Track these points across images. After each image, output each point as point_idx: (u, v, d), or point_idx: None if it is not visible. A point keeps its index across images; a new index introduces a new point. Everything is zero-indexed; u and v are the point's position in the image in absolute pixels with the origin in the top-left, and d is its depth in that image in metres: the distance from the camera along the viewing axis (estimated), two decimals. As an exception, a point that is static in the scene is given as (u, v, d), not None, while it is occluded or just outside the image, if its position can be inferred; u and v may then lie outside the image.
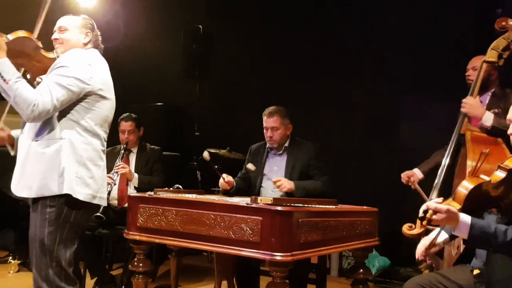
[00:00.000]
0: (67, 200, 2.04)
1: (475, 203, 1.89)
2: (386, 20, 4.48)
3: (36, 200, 2.03)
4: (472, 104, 2.72)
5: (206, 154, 3.09)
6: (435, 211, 1.77)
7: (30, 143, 2.05)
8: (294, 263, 2.12)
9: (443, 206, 1.78)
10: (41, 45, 2.23)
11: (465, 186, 1.91)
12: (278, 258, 2.06)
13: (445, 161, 2.75)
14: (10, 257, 4.18)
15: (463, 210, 1.84)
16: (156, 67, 5.76)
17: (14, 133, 2.25)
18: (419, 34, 4.33)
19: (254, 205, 2.16)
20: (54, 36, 2.23)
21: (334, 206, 2.58)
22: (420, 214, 1.82)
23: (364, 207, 2.79)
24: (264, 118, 3.23)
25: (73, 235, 2.09)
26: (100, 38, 2.35)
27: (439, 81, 4.10)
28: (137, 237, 2.49)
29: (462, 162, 2.70)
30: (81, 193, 2.07)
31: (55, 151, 2.03)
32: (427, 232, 2.09)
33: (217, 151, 4.27)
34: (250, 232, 2.11)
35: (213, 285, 3.07)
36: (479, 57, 2.95)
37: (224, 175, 3.17)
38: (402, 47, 4.41)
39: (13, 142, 2.21)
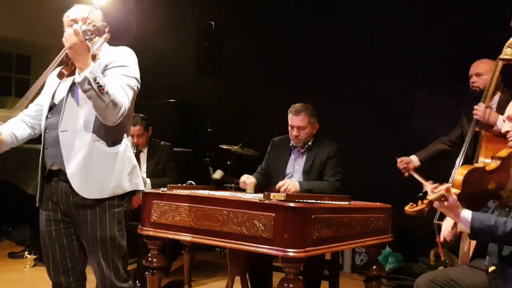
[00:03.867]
0: (128, 195, 2.08)
1: (474, 191, 1.97)
2: (399, 14, 4.44)
3: (101, 200, 1.98)
4: (484, 110, 2.68)
5: (219, 174, 3.05)
6: (447, 192, 1.84)
7: (93, 143, 1.95)
8: (309, 260, 2.11)
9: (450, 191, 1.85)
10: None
11: (460, 172, 2.02)
12: (291, 254, 2.06)
13: (459, 160, 2.73)
14: (26, 252, 4.24)
15: (464, 198, 1.90)
16: (168, 64, 5.78)
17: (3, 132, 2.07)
18: (431, 29, 4.28)
19: (267, 201, 2.16)
20: (83, 28, 1.98)
21: (347, 203, 2.57)
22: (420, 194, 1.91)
23: (378, 203, 2.78)
24: (290, 115, 3.06)
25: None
26: None
27: (453, 76, 4.04)
28: (151, 233, 2.51)
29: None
30: (141, 184, 2.12)
31: (123, 150, 2.03)
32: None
33: (229, 147, 4.27)
34: (263, 228, 2.11)
35: (226, 281, 3.07)
36: (481, 61, 2.92)
37: (245, 177, 3.02)
38: (414, 42, 4.36)
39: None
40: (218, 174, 3.16)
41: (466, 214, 1.86)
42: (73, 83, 1.97)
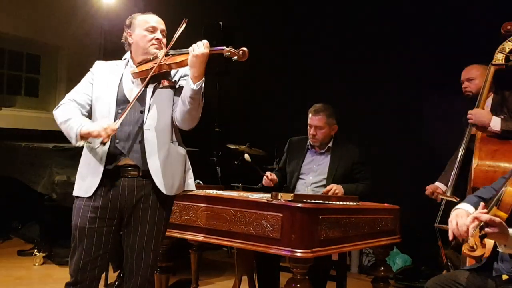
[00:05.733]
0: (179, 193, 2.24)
1: None
2: (412, 13, 4.42)
3: (168, 197, 2.13)
4: (477, 112, 2.72)
5: (247, 156, 3.12)
6: (489, 223, 1.63)
7: (170, 143, 2.15)
8: (316, 261, 2.11)
9: (497, 219, 1.65)
10: None
11: (510, 193, 1.75)
12: (298, 254, 2.06)
13: (457, 165, 2.79)
14: (36, 250, 4.27)
15: (510, 219, 1.73)
16: (176, 63, 5.78)
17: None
18: (444, 27, 4.25)
19: (274, 202, 2.17)
20: (159, 36, 2.36)
21: (355, 203, 2.56)
22: (477, 231, 1.67)
23: (386, 204, 2.77)
24: (309, 115, 3.12)
25: None
26: None
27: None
28: (159, 232, 2.51)
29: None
30: (192, 185, 2.28)
31: (186, 153, 2.25)
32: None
33: (237, 147, 4.28)
34: (271, 228, 2.12)
35: (233, 280, 3.08)
36: (471, 66, 2.96)
37: (268, 173, 3.12)
38: (426, 41, 4.34)
39: None
40: (247, 157, 3.24)
41: None
42: (156, 86, 2.16)
